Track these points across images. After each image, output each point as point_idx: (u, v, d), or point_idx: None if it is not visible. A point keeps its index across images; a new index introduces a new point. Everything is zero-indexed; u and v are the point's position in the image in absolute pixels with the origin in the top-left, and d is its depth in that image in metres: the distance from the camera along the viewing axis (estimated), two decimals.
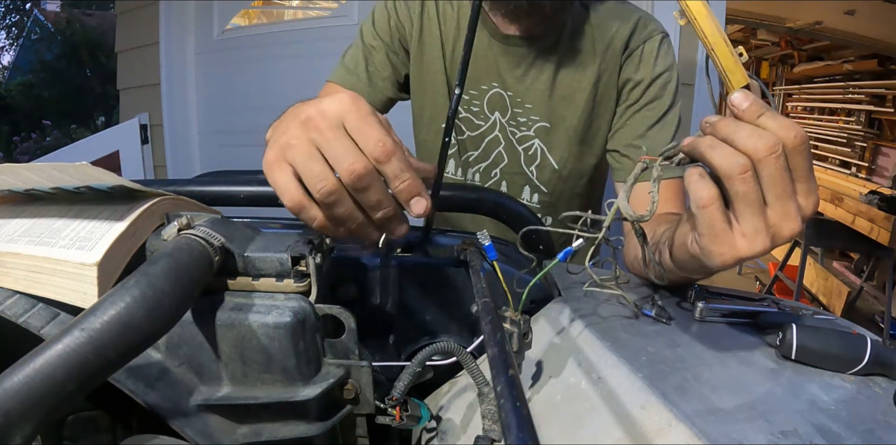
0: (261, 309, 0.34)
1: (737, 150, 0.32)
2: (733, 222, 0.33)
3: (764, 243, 0.33)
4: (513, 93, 0.78)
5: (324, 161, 0.34)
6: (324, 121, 0.34)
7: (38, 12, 6.88)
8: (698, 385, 0.34)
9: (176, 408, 0.33)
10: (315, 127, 0.34)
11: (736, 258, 0.34)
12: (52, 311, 0.34)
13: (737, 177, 0.32)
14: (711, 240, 0.34)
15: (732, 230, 0.33)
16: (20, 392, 0.22)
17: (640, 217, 0.35)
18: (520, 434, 0.22)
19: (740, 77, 0.36)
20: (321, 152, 0.34)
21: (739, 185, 0.32)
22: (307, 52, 2.07)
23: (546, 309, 0.48)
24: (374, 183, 0.34)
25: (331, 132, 0.34)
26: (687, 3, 0.37)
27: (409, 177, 0.35)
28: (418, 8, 0.79)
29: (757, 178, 0.32)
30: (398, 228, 0.38)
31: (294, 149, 0.34)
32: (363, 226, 0.37)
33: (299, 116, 0.35)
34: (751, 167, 0.32)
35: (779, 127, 0.32)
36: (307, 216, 0.35)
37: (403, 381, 0.36)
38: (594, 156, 0.82)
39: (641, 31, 0.75)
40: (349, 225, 0.36)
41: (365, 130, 0.34)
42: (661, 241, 0.45)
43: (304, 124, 0.34)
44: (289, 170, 0.35)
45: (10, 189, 0.40)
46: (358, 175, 0.33)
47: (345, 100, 0.35)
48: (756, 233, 0.33)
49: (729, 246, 0.33)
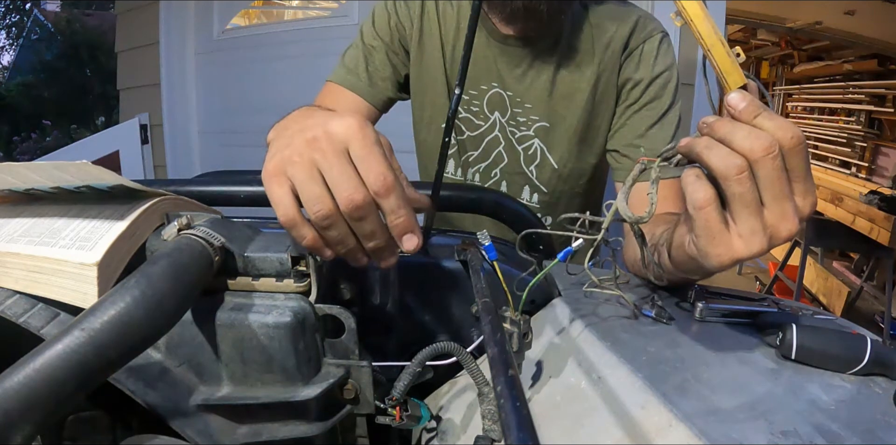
0: (261, 309, 0.34)
1: (733, 151, 0.32)
2: (730, 223, 0.33)
3: (761, 244, 0.33)
4: (512, 92, 0.78)
5: (323, 183, 0.34)
6: (329, 144, 0.34)
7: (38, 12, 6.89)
8: (698, 385, 0.34)
9: (176, 408, 0.33)
10: (319, 148, 0.34)
11: (733, 259, 0.34)
12: (52, 311, 0.34)
13: (733, 178, 0.32)
14: (708, 242, 0.34)
15: (729, 231, 0.33)
16: (20, 392, 0.22)
17: (638, 219, 0.35)
18: (520, 434, 0.22)
19: (737, 77, 0.36)
20: (322, 174, 0.34)
21: (736, 186, 0.32)
22: (307, 52, 2.07)
23: (546, 309, 0.48)
24: (371, 214, 0.35)
25: (335, 157, 0.34)
26: (683, 4, 0.37)
27: (404, 214, 0.35)
28: (418, 8, 0.79)
29: (754, 179, 0.32)
30: (388, 259, 0.38)
31: (296, 166, 0.34)
32: (353, 251, 0.37)
33: (305, 133, 0.35)
34: (747, 168, 0.31)
35: (775, 127, 0.32)
36: (298, 234, 0.35)
37: (403, 381, 0.36)
38: (594, 155, 0.82)
39: (641, 31, 0.75)
40: (339, 248, 0.37)
41: (369, 161, 0.34)
42: (660, 243, 0.45)
43: (310, 144, 0.35)
44: (287, 184, 0.35)
45: (10, 188, 0.40)
46: (356, 205, 0.34)
47: (353, 126, 0.35)
48: (753, 234, 0.33)
49: (726, 248, 0.33)
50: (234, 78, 2.26)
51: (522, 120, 0.80)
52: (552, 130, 0.79)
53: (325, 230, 0.35)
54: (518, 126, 0.80)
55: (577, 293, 0.48)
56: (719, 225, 0.33)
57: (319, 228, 0.35)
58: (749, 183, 0.32)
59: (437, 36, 0.79)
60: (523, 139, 0.81)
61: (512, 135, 0.81)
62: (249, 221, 0.55)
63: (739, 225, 0.33)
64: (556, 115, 0.78)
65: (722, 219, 0.33)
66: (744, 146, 0.31)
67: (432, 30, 0.79)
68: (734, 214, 0.33)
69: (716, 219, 0.33)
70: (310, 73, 1.43)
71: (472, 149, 0.84)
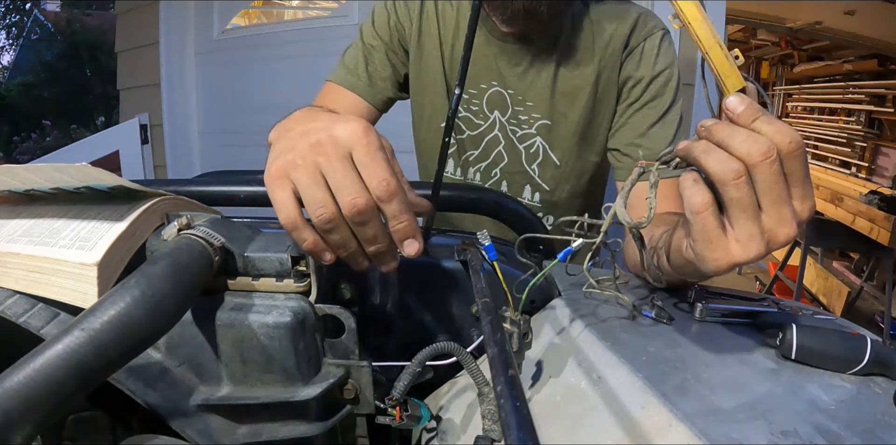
0: (261, 309, 0.34)
1: (731, 155, 0.32)
2: (727, 227, 0.33)
3: (759, 248, 0.32)
4: (514, 91, 0.78)
5: (326, 187, 0.34)
6: (333, 148, 0.34)
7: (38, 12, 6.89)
8: (698, 385, 0.34)
9: (176, 408, 0.33)
10: (323, 152, 0.34)
11: (730, 263, 0.33)
12: (52, 311, 0.34)
13: (731, 183, 0.31)
14: (705, 246, 0.33)
15: (727, 235, 0.33)
16: (20, 392, 0.22)
17: (637, 224, 0.35)
18: (520, 434, 0.22)
19: (736, 80, 0.36)
20: (325, 178, 0.34)
21: (733, 191, 0.31)
22: (307, 52, 2.07)
23: (546, 309, 0.48)
24: (373, 219, 0.35)
25: (338, 161, 0.34)
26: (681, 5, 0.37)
27: (406, 219, 0.36)
28: (418, 8, 0.79)
29: (751, 184, 0.32)
30: (389, 263, 0.39)
31: (299, 169, 0.35)
32: (354, 255, 0.37)
33: (309, 136, 0.35)
34: (745, 172, 0.31)
35: (774, 131, 0.32)
36: (299, 236, 0.35)
37: (403, 381, 0.36)
38: (595, 153, 0.82)
39: (642, 29, 0.74)
40: (341, 252, 0.37)
41: (372, 166, 0.34)
42: (659, 246, 0.45)
43: (314, 147, 0.35)
44: (290, 187, 0.35)
45: (10, 189, 0.40)
46: (359, 209, 0.34)
47: (357, 131, 0.35)
48: (750, 239, 0.32)
49: (723, 252, 0.33)
50: (234, 78, 2.26)
51: (524, 118, 0.80)
52: (554, 128, 0.79)
53: (326, 234, 0.35)
54: (519, 124, 0.80)
55: (577, 293, 0.48)
56: (716, 229, 0.33)
57: (321, 232, 0.35)
58: (747, 187, 0.31)
59: (436, 35, 0.79)
60: (525, 137, 0.81)
61: (513, 133, 0.81)
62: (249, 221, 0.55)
63: (737, 229, 0.32)
64: (557, 113, 0.78)
65: (719, 224, 0.33)
66: (741, 150, 0.31)
67: (431, 29, 0.79)
68: (732, 219, 0.32)
69: (713, 223, 0.33)
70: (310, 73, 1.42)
71: (472, 148, 0.84)
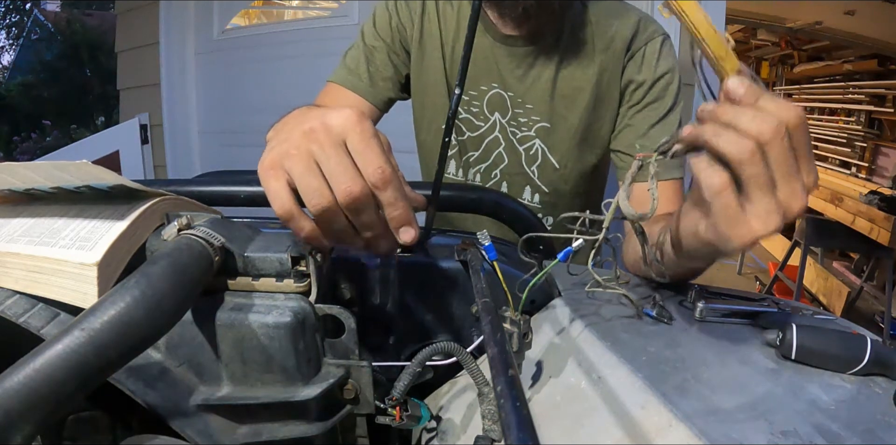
0: (261, 309, 0.34)
1: (742, 135, 0.32)
2: (745, 204, 0.34)
3: (777, 222, 0.33)
4: (513, 93, 0.78)
5: (321, 176, 0.34)
6: (327, 136, 0.34)
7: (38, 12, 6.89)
8: (698, 385, 0.34)
9: (176, 408, 0.33)
10: (317, 140, 0.34)
11: (753, 238, 0.34)
12: (52, 311, 0.34)
13: (747, 161, 0.32)
14: (729, 225, 0.34)
15: (746, 212, 0.34)
16: (20, 392, 0.22)
17: (641, 216, 0.35)
18: (520, 434, 0.22)
19: (732, 63, 0.36)
20: (319, 166, 0.34)
21: (750, 169, 0.32)
22: (307, 52, 2.07)
23: (546, 309, 0.48)
24: (368, 206, 0.35)
25: (332, 148, 0.34)
26: None
27: (402, 206, 0.36)
28: (419, 9, 0.79)
29: (765, 160, 0.32)
30: (386, 249, 0.39)
31: (293, 159, 0.34)
32: (351, 242, 0.38)
33: (303, 126, 0.35)
34: (758, 150, 0.32)
35: (779, 108, 0.32)
36: (296, 226, 0.35)
37: (403, 381, 0.36)
38: (595, 155, 0.82)
39: (643, 33, 0.75)
40: (337, 240, 0.37)
41: (366, 153, 0.34)
42: (661, 240, 0.45)
43: (307, 136, 0.35)
44: (284, 177, 0.35)
45: (10, 188, 0.40)
46: (354, 197, 0.34)
47: (351, 118, 0.35)
48: (769, 213, 0.33)
49: (746, 228, 0.34)
50: (234, 78, 2.26)
51: (523, 120, 0.80)
52: (553, 131, 0.79)
53: (322, 222, 0.35)
54: (519, 126, 0.80)
55: (578, 293, 0.48)
56: (737, 207, 0.34)
57: (317, 220, 0.35)
58: (762, 164, 0.32)
59: (437, 36, 0.79)
60: (524, 139, 0.81)
61: (513, 135, 0.81)
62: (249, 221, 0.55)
63: (756, 205, 0.33)
64: (557, 116, 0.78)
65: (739, 202, 0.34)
66: (751, 129, 0.32)
67: (433, 30, 0.79)
68: (750, 196, 0.33)
69: (734, 201, 0.33)
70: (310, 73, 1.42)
71: (473, 149, 0.84)
